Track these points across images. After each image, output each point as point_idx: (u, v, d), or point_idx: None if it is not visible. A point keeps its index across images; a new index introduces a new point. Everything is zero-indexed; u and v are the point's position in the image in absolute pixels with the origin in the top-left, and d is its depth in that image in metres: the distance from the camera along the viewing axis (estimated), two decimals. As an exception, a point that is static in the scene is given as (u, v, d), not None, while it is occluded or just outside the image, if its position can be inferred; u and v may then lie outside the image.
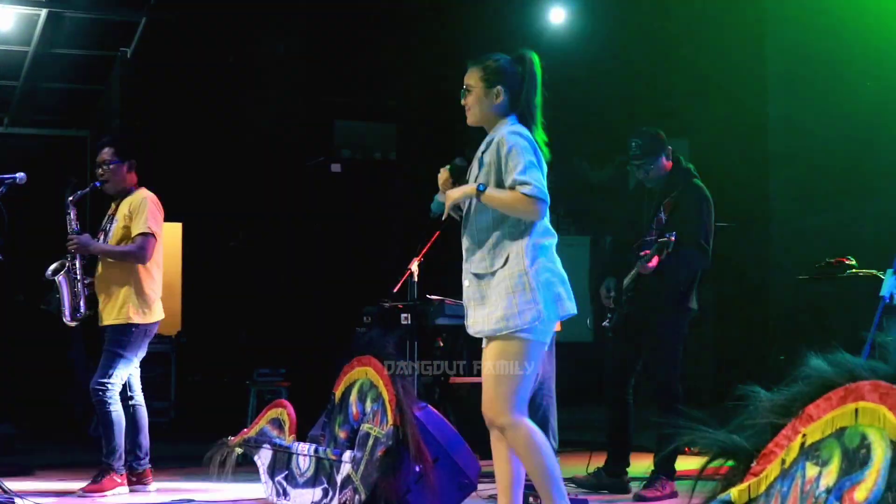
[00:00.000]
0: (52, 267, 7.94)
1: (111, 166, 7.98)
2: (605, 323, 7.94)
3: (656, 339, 7.77)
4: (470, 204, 5.42)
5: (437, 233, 8.63)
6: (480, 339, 5.45)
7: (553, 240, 5.41)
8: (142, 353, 7.95)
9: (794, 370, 3.59)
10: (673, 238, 7.40)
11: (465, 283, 5.41)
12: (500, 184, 5.30)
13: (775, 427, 3.60)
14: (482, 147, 5.48)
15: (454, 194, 5.41)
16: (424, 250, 8.69)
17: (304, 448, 6.97)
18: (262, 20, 12.66)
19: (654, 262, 7.49)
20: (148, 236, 7.80)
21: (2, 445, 10.07)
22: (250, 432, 7.46)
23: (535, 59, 5.59)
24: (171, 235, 14.86)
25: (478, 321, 5.34)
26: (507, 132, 5.37)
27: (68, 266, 7.91)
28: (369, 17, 12.54)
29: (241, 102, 13.16)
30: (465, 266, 5.43)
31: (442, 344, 8.66)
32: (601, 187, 13.53)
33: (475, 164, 5.48)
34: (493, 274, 5.28)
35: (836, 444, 3.38)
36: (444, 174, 5.61)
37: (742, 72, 12.01)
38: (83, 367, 12.22)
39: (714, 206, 7.87)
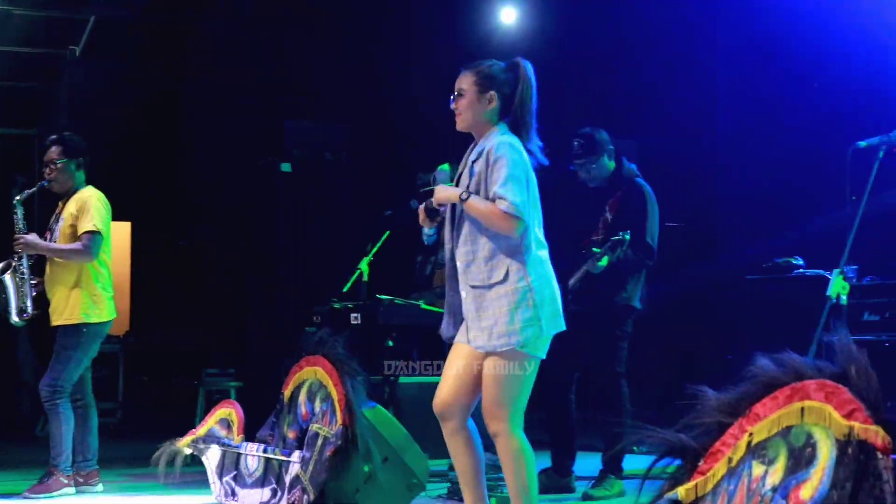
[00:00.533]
0: None
1: (58, 165, 7.93)
2: None
3: (601, 338, 7.82)
4: (462, 212, 5.44)
5: (388, 233, 8.64)
6: (433, 339, 5.52)
7: (546, 252, 5.43)
8: (93, 354, 7.91)
9: (741, 370, 3.61)
10: (627, 237, 7.44)
11: (463, 294, 5.42)
12: (486, 192, 5.33)
13: (722, 426, 3.62)
14: (472, 156, 5.48)
15: (440, 194, 5.47)
16: (374, 250, 8.69)
17: (252, 448, 6.95)
18: (213, 19, 12.61)
19: (604, 261, 7.53)
20: (94, 234, 7.76)
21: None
22: (199, 432, 7.42)
23: (529, 66, 5.60)
24: (119, 235, 14.75)
25: (478, 335, 5.35)
26: (499, 142, 5.37)
27: (15, 266, 7.86)
28: (321, 17, 12.51)
29: (191, 101, 13.10)
30: (461, 277, 5.44)
31: (392, 344, 8.65)
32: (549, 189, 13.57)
33: (465, 172, 5.49)
34: (489, 287, 5.30)
35: (782, 442, 3.40)
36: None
37: (692, 73, 12.06)
38: (30, 367, 12.15)
39: (660, 205, 7.92)
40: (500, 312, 5.25)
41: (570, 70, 12.53)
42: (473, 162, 5.42)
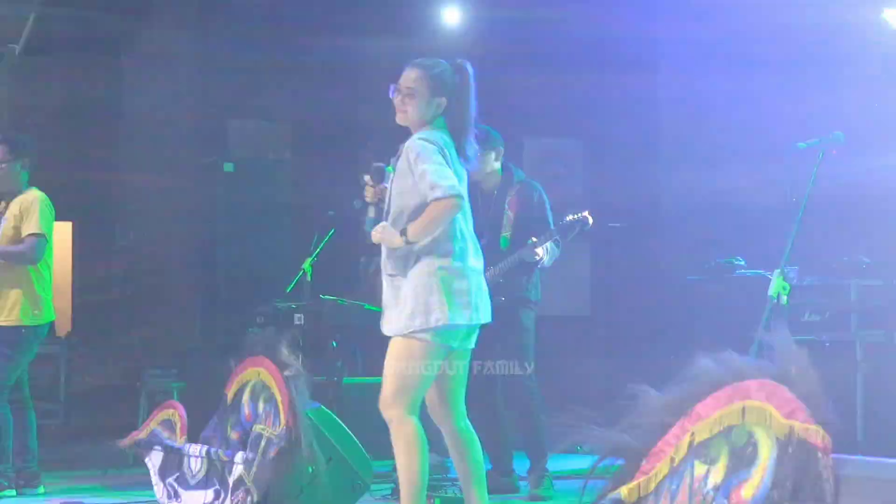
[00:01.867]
0: None
1: (3, 165, 7.86)
2: None
3: (520, 333, 7.90)
4: (387, 211, 5.52)
5: (332, 231, 8.63)
6: (377, 340, 5.54)
7: (468, 245, 5.47)
8: (31, 356, 7.86)
9: (683, 369, 3.63)
10: (590, 218, 7.58)
11: (384, 284, 5.51)
12: (412, 188, 5.39)
13: (665, 426, 3.65)
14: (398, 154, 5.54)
15: (376, 237, 5.54)
16: (318, 250, 8.68)
17: (195, 449, 6.93)
18: (154, 15, 12.55)
19: (540, 251, 7.66)
20: (39, 237, 7.70)
21: None
22: (141, 434, 7.39)
23: (472, 69, 5.66)
24: (60, 235, 14.62)
25: (390, 320, 5.46)
26: (415, 138, 5.45)
27: (-42, 267, 7.78)
28: (262, 15, 12.48)
29: (132, 100, 13.02)
30: (382, 269, 5.53)
31: (336, 344, 8.64)
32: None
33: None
34: (405, 275, 5.39)
35: (723, 442, 3.43)
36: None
37: (634, 73, 12.11)
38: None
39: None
40: (408, 296, 5.41)
41: (514, 70, 12.56)
42: (397, 160, 5.51)
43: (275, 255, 11.61)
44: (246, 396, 6.80)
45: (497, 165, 8.10)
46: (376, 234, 5.51)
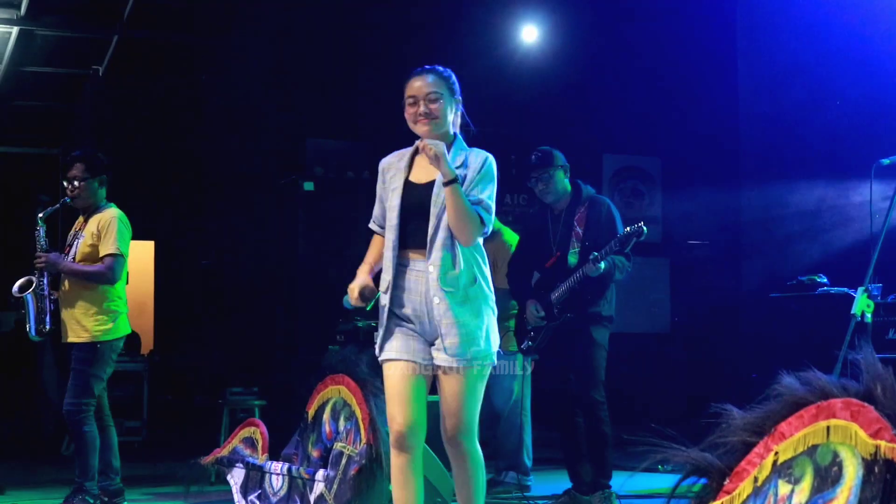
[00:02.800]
0: (19, 283, 7.90)
1: (81, 183, 7.93)
2: (527, 344, 8.04)
3: (590, 348, 7.85)
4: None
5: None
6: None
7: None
8: (110, 370, 7.92)
9: (766, 388, 3.61)
10: (645, 228, 7.54)
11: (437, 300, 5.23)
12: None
13: (747, 445, 3.62)
14: (453, 161, 5.29)
15: (440, 148, 5.19)
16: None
17: (277, 467, 6.96)
18: (234, 38, 12.66)
19: (602, 265, 7.62)
20: (116, 257, 7.75)
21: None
22: (223, 451, 7.44)
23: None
24: (142, 254, 14.84)
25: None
26: (492, 160, 5.35)
27: (36, 283, 7.87)
28: (342, 36, 12.56)
29: (214, 120, 13.14)
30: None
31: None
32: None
33: (439, 178, 5.27)
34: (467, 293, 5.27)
35: (808, 461, 3.40)
36: (357, 295, 5.51)
37: (714, 90, 12.07)
38: (55, 385, 12.19)
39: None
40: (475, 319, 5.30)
41: (592, 88, 12.56)
42: (458, 167, 5.26)
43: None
44: (327, 414, 6.83)
45: (566, 183, 8.08)
46: (440, 146, 5.22)
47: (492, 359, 5.25)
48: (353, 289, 5.47)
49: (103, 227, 7.82)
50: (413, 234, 5.30)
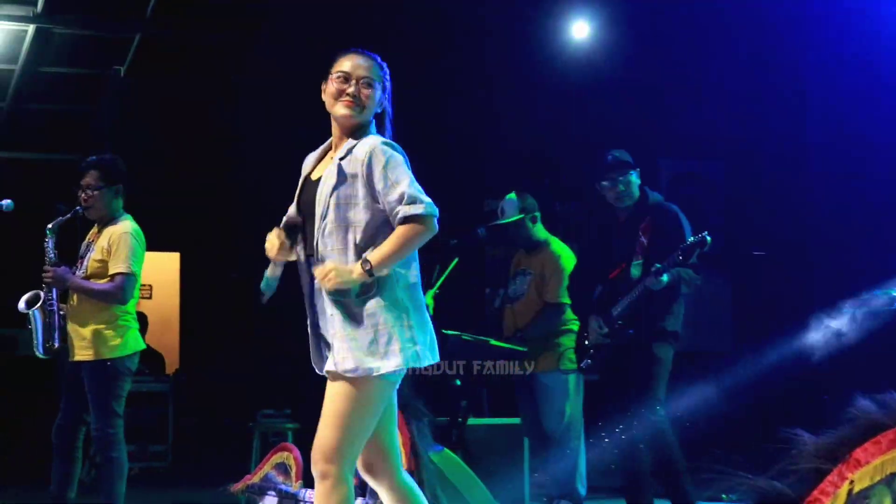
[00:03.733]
0: (26, 297, 7.87)
1: (95, 192, 7.89)
2: (587, 363, 8.03)
3: (653, 365, 7.82)
4: (308, 228, 5.13)
5: (455, 261, 8.65)
6: (497, 378, 5.46)
7: None
8: (127, 388, 7.89)
9: (839, 411, 3.59)
10: (709, 238, 7.50)
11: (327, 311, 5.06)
12: (369, 197, 4.89)
13: (820, 472, 3.60)
14: (339, 153, 5.06)
15: (330, 281, 4.88)
16: (440, 282, 8.70)
17: (311, 495, 6.96)
18: (265, 35, 12.67)
19: (665, 278, 7.57)
20: (127, 276, 7.71)
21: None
22: (254, 478, 7.45)
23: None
24: (167, 266, 14.91)
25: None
26: (382, 142, 4.98)
27: (44, 298, 7.86)
28: (381, 33, 12.58)
29: (244, 123, 13.17)
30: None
31: (459, 382, 8.65)
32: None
33: (327, 173, 5.06)
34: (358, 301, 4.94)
35: (886, 490, 3.38)
36: (276, 240, 5.25)
37: (779, 89, 12.01)
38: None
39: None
40: None
41: (646, 89, 12.52)
42: (341, 160, 5.01)
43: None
44: (365, 438, 6.82)
45: (635, 189, 8.06)
46: (328, 278, 4.86)
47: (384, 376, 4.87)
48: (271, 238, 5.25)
49: (114, 242, 7.77)
50: (308, 237, 5.12)
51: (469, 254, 9.03)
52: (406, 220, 4.77)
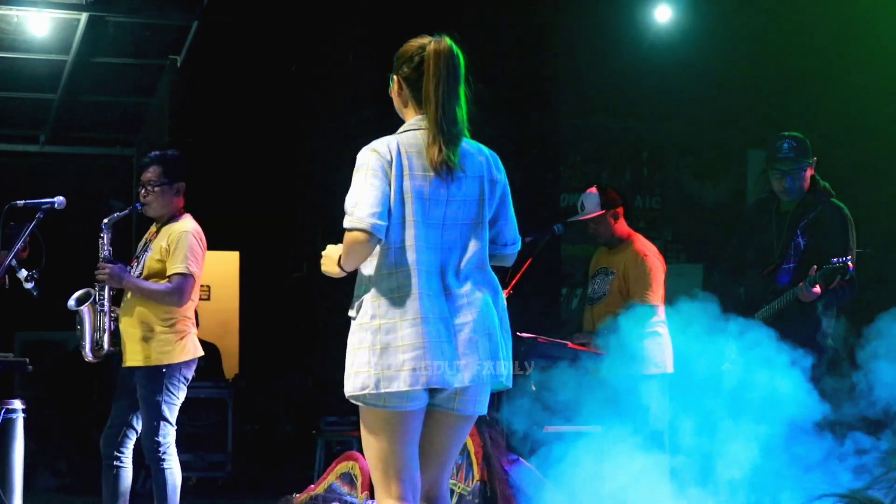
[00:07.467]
0: (77, 296, 7.82)
1: (156, 189, 7.88)
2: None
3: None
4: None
5: (529, 261, 8.60)
6: (581, 383, 5.40)
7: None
8: (181, 396, 7.88)
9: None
10: (850, 263, 7.29)
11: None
12: None
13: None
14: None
15: (325, 263, 5.11)
16: (514, 282, 8.66)
17: (378, 507, 6.95)
18: (328, 25, 12.68)
19: (818, 289, 7.38)
20: (187, 277, 7.67)
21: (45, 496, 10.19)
22: (318, 489, 7.46)
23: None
24: (227, 266, 14.96)
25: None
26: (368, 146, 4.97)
27: (95, 296, 7.85)
28: (445, 20, 12.55)
29: (306, 116, 13.18)
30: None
31: (535, 388, 8.61)
32: (715, 208, 13.45)
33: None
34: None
35: None
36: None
37: (880, 67, 11.82)
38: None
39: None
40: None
41: (732, 72, 12.43)
42: None
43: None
44: (434, 447, 6.81)
45: (804, 184, 7.87)
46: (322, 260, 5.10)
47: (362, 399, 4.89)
48: None
49: (173, 242, 7.74)
50: None
51: (544, 252, 8.98)
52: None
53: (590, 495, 6.31)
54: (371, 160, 4.84)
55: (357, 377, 4.85)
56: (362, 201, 4.76)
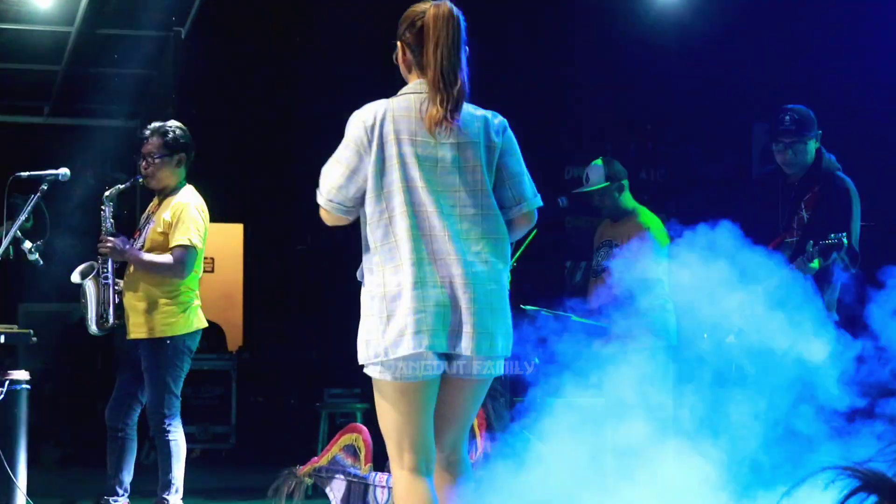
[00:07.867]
0: (80, 269, 7.86)
1: (157, 160, 7.89)
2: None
3: None
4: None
5: (534, 233, 8.60)
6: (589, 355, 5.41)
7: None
8: (186, 368, 7.90)
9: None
10: (845, 240, 7.29)
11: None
12: None
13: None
14: None
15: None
16: (518, 254, 8.66)
17: (382, 479, 6.98)
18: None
19: (816, 263, 7.39)
20: (188, 249, 7.69)
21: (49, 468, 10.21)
22: (321, 461, 7.47)
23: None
24: (231, 238, 14.98)
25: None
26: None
27: (98, 269, 7.86)
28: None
29: (311, 88, 13.17)
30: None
31: (538, 361, 8.63)
32: (720, 181, 13.44)
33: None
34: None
35: None
36: None
37: (882, 52, 11.81)
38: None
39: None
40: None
41: (740, 47, 12.41)
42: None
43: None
44: (437, 418, 6.82)
45: (808, 157, 7.86)
46: None
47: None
48: None
49: (176, 214, 7.76)
50: None
51: (548, 224, 8.99)
52: None
53: (593, 467, 6.32)
54: (351, 129, 5.15)
55: (368, 346, 4.92)
56: (326, 178, 5.16)
